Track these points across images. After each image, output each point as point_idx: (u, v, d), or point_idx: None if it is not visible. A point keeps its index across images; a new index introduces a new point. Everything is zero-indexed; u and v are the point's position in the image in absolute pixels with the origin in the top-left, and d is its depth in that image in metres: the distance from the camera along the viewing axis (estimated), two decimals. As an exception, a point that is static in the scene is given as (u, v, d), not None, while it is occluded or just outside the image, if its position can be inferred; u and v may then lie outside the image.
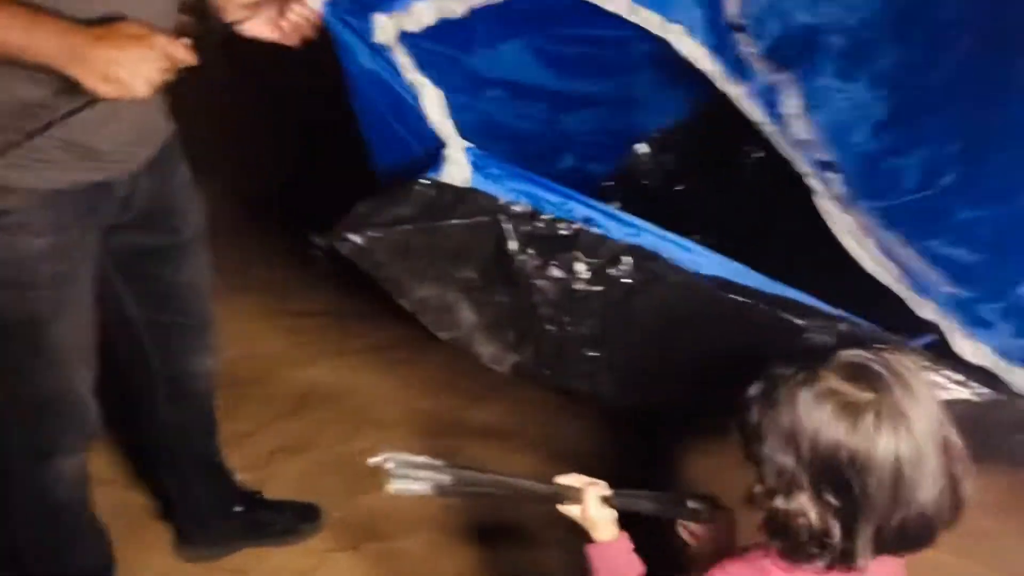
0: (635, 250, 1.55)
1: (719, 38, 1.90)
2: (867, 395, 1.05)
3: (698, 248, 1.59)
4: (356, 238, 1.47)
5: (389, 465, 1.22)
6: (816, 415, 1.05)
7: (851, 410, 1.05)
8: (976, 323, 1.68)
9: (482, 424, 2.63)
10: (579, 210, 1.54)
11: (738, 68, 1.92)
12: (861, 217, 1.81)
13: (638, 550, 1.41)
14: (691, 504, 1.51)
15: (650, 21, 1.85)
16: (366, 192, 1.54)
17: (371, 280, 2.86)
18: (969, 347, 1.64)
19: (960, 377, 1.55)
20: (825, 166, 1.85)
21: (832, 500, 1.06)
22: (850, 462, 1.04)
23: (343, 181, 1.71)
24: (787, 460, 1.07)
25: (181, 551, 2.26)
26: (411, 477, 1.24)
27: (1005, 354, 1.65)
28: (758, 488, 1.13)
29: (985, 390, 1.57)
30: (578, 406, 2.54)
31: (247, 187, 3.56)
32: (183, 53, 1.37)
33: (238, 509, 2.26)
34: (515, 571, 2.23)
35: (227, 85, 3.61)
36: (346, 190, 1.54)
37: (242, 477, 2.34)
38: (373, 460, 1.23)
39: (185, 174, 1.81)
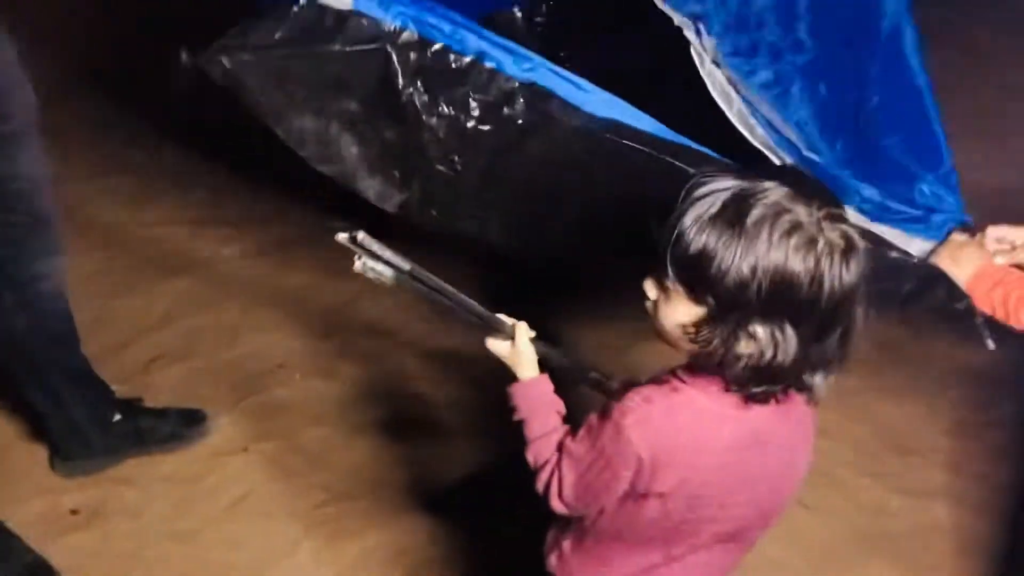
0: (529, 88, 1.49)
1: None
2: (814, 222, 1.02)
3: (593, 88, 1.54)
4: (228, 61, 1.34)
5: (360, 236, 1.16)
6: (780, 249, 1.01)
7: (810, 242, 1.02)
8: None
9: (367, 320, 2.59)
10: (472, 41, 1.47)
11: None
12: (729, 72, 1.84)
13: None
14: (593, 375, 1.53)
15: None
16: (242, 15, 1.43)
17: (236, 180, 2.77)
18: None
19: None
20: (697, 18, 1.85)
21: (782, 327, 1.05)
22: (807, 289, 1.02)
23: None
24: (744, 292, 1.02)
25: (60, 468, 2.13)
26: (376, 258, 1.17)
27: (865, 212, 1.75)
28: (692, 323, 1.08)
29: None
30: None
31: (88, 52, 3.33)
32: None
33: (117, 418, 2.15)
34: (413, 460, 2.23)
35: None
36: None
37: (119, 389, 2.22)
38: (341, 236, 1.16)
39: (8, 51, 1.63)
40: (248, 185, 2.94)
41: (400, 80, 1.43)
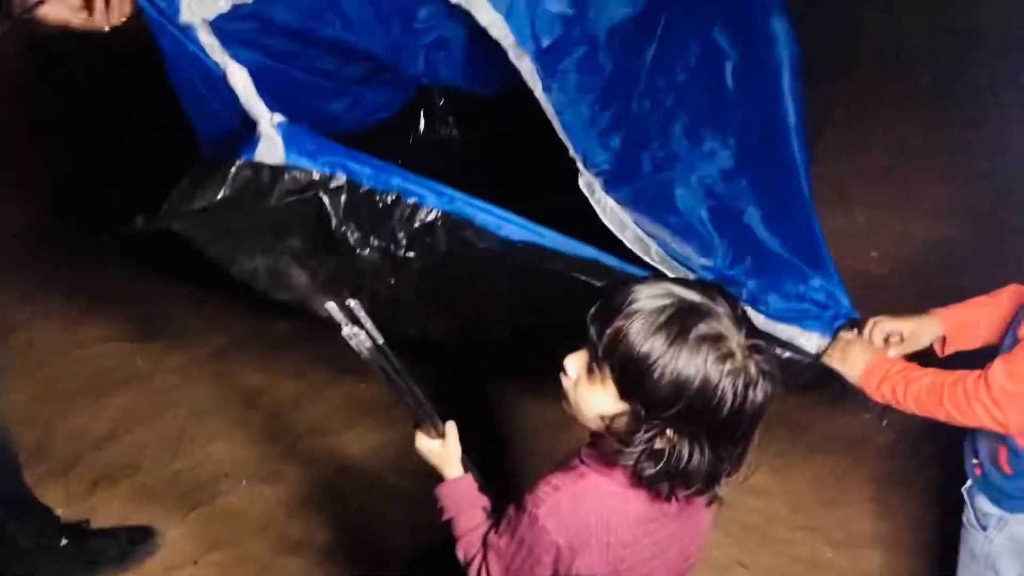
0: (448, 218, 1.65)
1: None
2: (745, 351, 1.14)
3: (506, 213, 1.71)
4: (176, 225, 1.47)
5: (351, 303, 1.30)
6: (715, 369, 1.11)
7: (740, 369, 1.12)
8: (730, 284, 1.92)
9: (310, 422, 2.65)
10: (394, 181, 1.62)
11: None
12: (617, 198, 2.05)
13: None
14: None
15: None
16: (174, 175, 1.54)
17: (172, 296, 2.84)
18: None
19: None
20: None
21: (699, 438, 1.14)
22: (729, 408, 1.12)
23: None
24: (674, 400, 1.11)
25: (11, 598, 2.13)
26: (361, 326, 1.31)
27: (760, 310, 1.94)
28: (613, 415, 1.16)
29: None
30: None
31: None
32: None
33: (64, 543, 2.16)
34: (361, 557, 2.27)
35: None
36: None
37: (65, 512, 2.24)
38: (331, 304, 1.29)
39: None
40: (184, 298, 3.00)
41: (334, 220, 1.59)
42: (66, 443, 2.55)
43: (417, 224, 1.62)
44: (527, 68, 1.98)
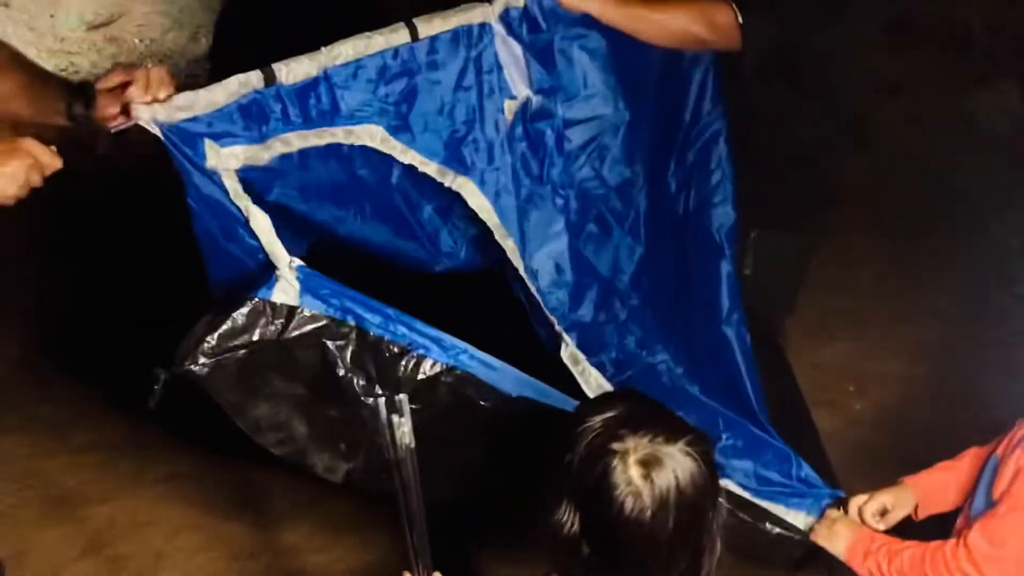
0: (453, 372, 1.71)
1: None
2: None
3: (503, 366, 1.79)
4: (194, 368, 1.52)
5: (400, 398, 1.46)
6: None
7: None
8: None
9: (292, 541, 2.64)
10: (402, 331, 1.68)
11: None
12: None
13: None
14: None
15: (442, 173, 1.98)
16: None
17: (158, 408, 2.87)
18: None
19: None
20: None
21: None
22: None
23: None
24: None
25: None
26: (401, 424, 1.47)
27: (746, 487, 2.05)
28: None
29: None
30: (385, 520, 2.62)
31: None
32: (50, 157, 1.47)
33: None
34: None
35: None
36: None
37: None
38: (382, 400, 1.48)
39: None
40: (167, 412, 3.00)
41: (340, 367, 1.63)
42: (44, 555, 2.52)
43: (421, 376, 1.67)
44: (510, 248, 2.06)
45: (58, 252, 3.62)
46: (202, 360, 1.52)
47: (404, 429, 1.38)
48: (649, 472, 1.18)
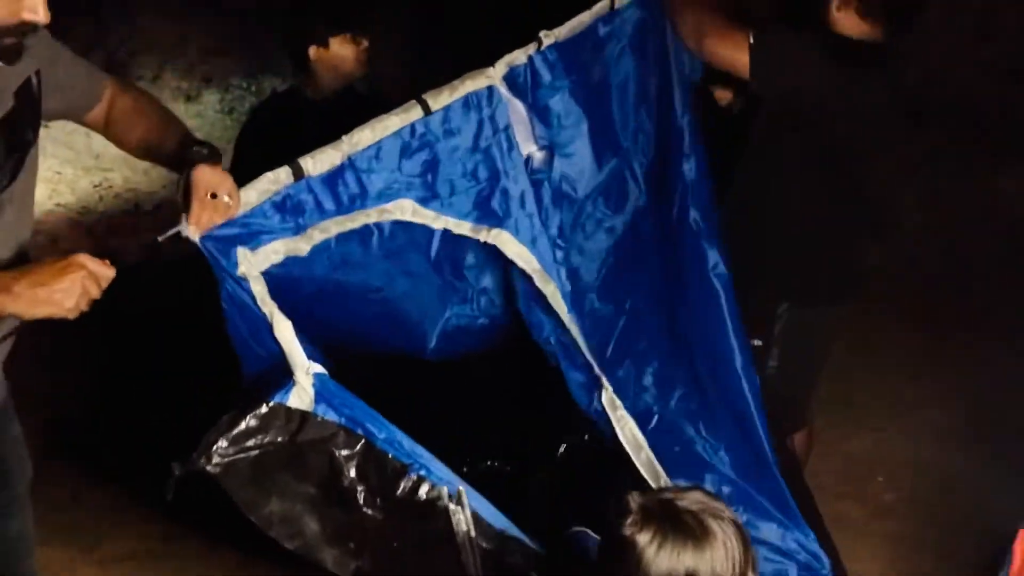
0: (451, 498, 1.73)
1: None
2: None
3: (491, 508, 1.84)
4: (210, 467, 1.56)
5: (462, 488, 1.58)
6: None
7: None
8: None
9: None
10: (407, 448, 1.73)
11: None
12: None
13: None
14: None
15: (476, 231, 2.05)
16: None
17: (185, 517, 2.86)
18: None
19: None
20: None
21: None
22: None
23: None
24: None
25: None
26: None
27: None
28: None
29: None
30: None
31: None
32: (103, 269, 1.55)
33: None
34: None
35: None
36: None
37: None
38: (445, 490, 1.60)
39: (17, 429, 1.84)
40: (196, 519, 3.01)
41: (346, 475, 1.68)
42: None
43: (421, 496, 1.71)
44: (551, 292, 2.12)
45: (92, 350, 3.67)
46: (216, 460, 1.56)
47: (461, 517, 1.44)
48: None
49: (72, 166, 7.05)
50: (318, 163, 1.82)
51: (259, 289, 1.71)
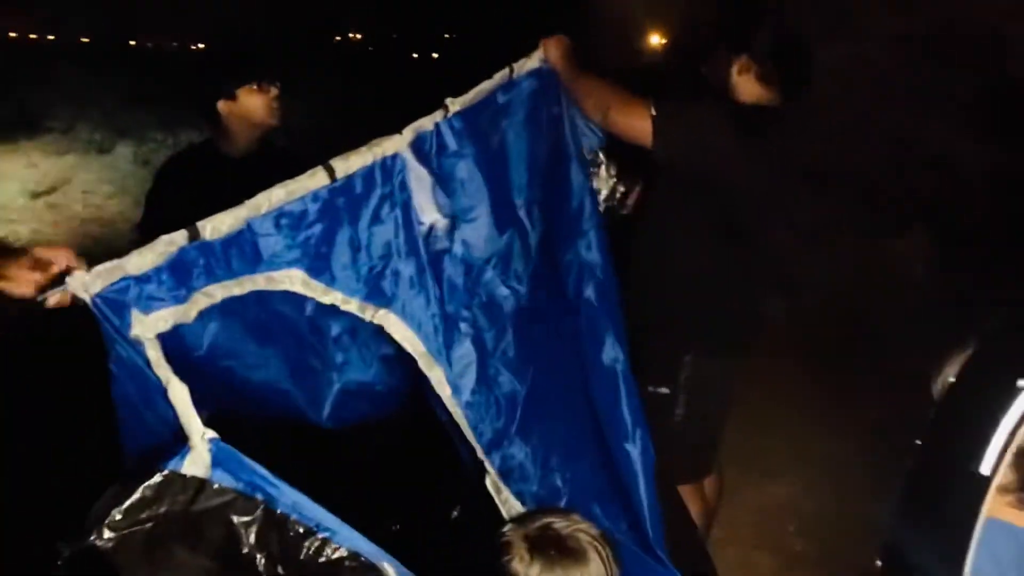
0: (356, 559, 1.67)
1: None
2: None
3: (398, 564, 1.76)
4: (103, 539, 1.48)
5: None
6: None
7: None
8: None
9: None
10: (310, 512, 1.66)
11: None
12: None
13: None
14: None
15: (363, 309, 2.02)
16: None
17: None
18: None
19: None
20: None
21: None
22: None
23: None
24: None
25: None
26: None
27: None
28: None
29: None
30: None
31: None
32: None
33: None
34: None
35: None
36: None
37: None
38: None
39: None
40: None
41: (244, 543, 1.61)
42: None
43: (323, 559, 1.65)
44: (437, 377, 2.10)
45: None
46: (108, 534, 1.48)
47: None
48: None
49: (-23, 216, 6.86)
50: (216, 227, 1.78)
51: (154, 353, 1.64)
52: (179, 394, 1.60)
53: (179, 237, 1.74)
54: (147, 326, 1.67)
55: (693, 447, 2.75)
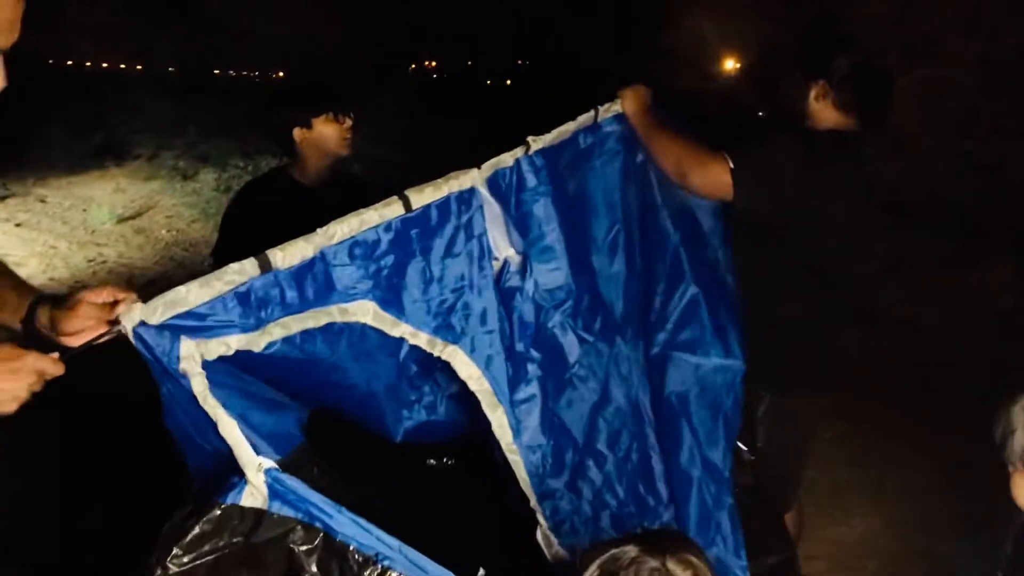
0: None
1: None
2: None
3: None
4: (168, 574, 1.50)
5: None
6: None
7: None
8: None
9: None
10: (369, 542, 1.63)
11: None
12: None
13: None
14: None
15: (432, 344, 1.97)
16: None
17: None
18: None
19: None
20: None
21: None
22: None
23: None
24: None
25: None
26: None
27: None
28: None
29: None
30: None
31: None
32: (53, 367, 1.49)
33: None
34: None
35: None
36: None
37: None
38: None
39: None
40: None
41: (307, 569, 1.60)
42: None
43: None
44: (498, 420, 2.04)
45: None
46: (173, 569, 1.50)
47: None
48: None
49: (67, 240, 7.11)
50: (288, 256, 1.74)
51: (200, 388, 1.61)
52: (229, 428, 1.58)
53: (249, 266, 1.70)
54: (198, 355, 1.64)
55: (773, 480, 2.68)
